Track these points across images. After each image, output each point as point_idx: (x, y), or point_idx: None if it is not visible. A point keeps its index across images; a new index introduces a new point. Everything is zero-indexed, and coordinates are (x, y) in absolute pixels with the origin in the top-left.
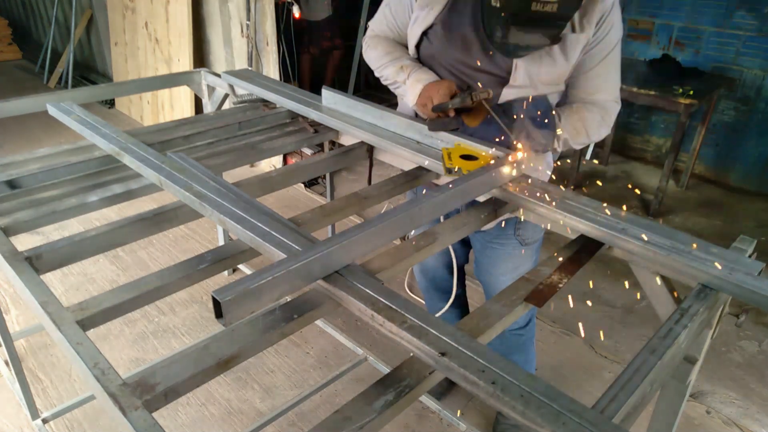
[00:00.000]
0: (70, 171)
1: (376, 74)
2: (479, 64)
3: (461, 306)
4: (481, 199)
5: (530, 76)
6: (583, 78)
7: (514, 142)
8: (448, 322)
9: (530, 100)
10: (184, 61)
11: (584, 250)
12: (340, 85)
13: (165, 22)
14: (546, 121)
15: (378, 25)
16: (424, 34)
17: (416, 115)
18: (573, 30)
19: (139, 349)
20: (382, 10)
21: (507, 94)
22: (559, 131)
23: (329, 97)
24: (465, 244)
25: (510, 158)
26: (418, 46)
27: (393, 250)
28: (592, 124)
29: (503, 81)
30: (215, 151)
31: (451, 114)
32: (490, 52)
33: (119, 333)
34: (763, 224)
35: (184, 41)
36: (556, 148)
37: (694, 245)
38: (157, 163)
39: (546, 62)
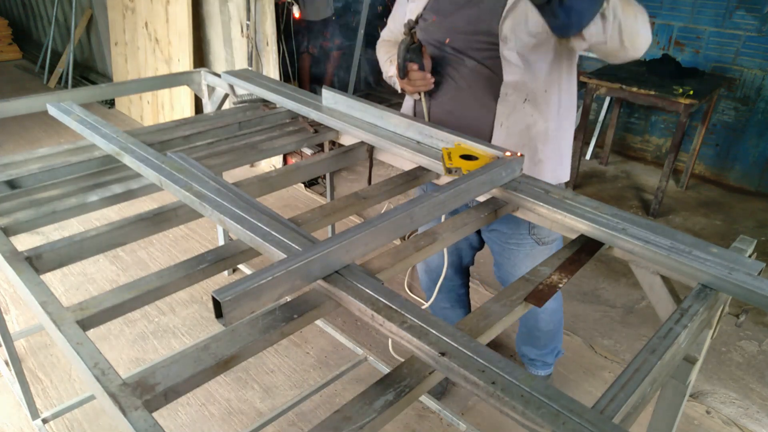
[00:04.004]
0: (70, 171)
1: (384, 77)
2: (466, 37)
3: (464, 306)
4: (481, 199)
5: (516, 25)
6: None
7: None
8: (451, 322)
9: None
10: (184, 61)
11: (584, 250)
12: (340, 85)
13: (165, 22)
14: None
15: (386, 31)
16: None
17: (414, 114)
18: None
19: (139, 349)
20: (390, 18)
21: (506, 54)
22: None
23: (329, 97)
24: (472, 247)
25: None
26: None
27: (393, 250)
28: (637, 8)
29: (494, 44)
30: (215, 151)
31: (414, 68)
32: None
33: (119, 333)
34: (763, 224)
35: (184, 41)
36: (603, 29)
37: (694, 245)
38: (157, 163)
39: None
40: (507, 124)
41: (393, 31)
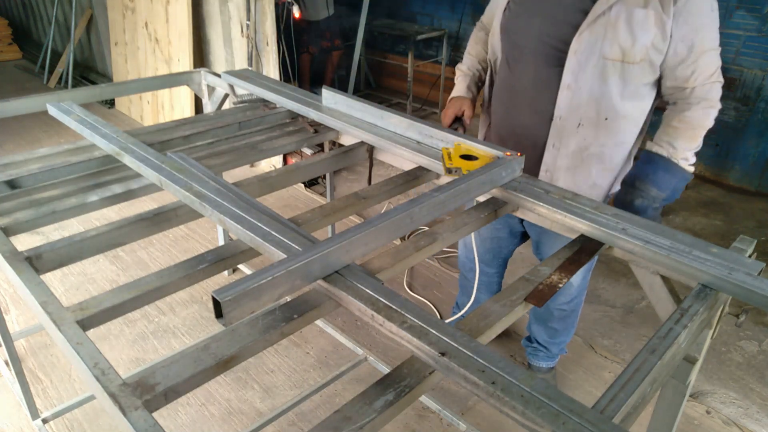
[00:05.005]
0: (70, 171)
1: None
2: (542, 36)
3: (492, 294)
4: (481, 199)
5: (591, 46)
6: (675, 67)
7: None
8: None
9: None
10: (184, 61)
11: (584, 250)
12: (340, 85)
13: (165, 22)
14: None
15: (485, 15)
16: (504, 10)
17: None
18: (642, 6)
19: (139, 349)
20: (488, 6)
21: (571, 65)
22: (683, 161)
23: (329, 97)
24: (513, 234)
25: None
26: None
27: (393, 250)
28: (700, 117)
29: (563, 52)
30: (215, 151)
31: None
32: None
33: (119, 333)
34: (763, 224)
35: (184, 41)
36: (690, 169)
37: (694, 245)
38: (157, 163)
39: (610, 34)
40: (558, 145)
41: (488, 15)
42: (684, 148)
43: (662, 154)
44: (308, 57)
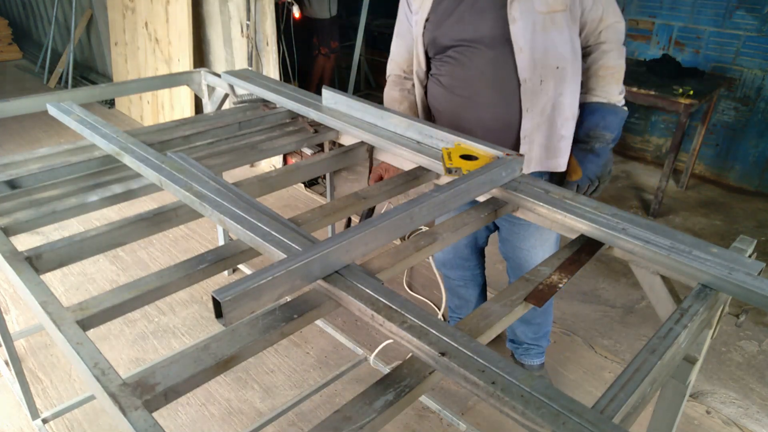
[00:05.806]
0: (70, 171)
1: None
2: (477, 21)
3: (478, 285)
4: (481, 199)
5: (523, 6)
6: (588, 10)
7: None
8: (469, 301)
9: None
10: (184, 61)
11: (584, 250)
12: (340, 85)
13: (165, 22)
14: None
15: (391, 66)
16: (424, 27)
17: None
18: None
19: (139, 349)
20: (395, 41)
21: (515, 30)
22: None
23: (329, 97)
24: (487, 227)
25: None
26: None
27: (393, 250)
28: (617, 59)
29: (503, 32)
30: (215, 151)
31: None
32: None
33: (119, 333)
34: (763, 224)
35: (184, 41)
36: (622, 105)
37: (694, 245)
38: (157, 163)
39: None
40: (531, 108)
41: (399, 63)
42: (616, 92)
43: (603, 101)
44: (323, 60)
